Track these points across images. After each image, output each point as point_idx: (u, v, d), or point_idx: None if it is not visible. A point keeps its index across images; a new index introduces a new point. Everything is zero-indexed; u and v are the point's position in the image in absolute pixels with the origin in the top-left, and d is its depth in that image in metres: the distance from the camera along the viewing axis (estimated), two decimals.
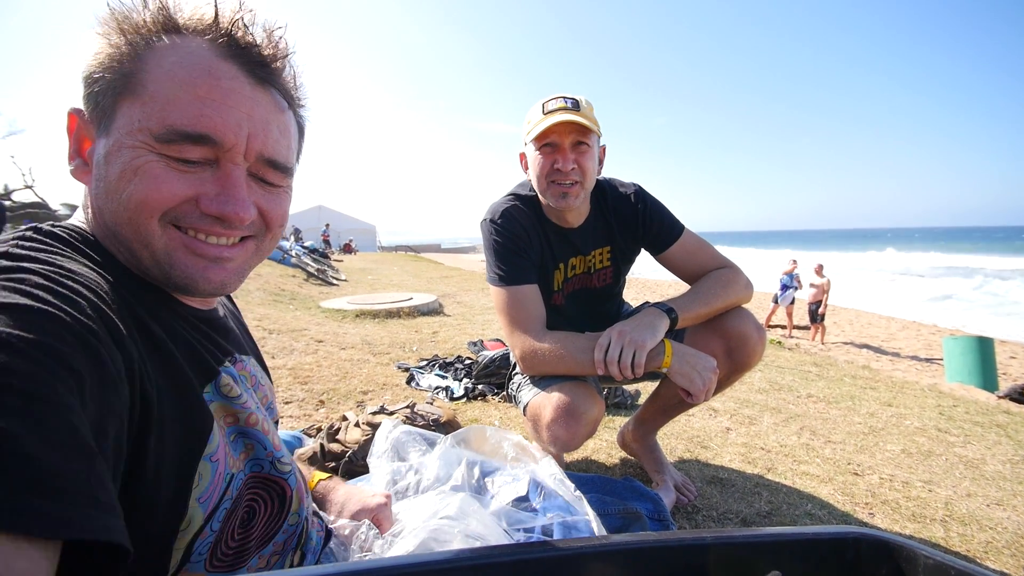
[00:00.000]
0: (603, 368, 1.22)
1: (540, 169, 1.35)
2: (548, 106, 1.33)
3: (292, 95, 0.62)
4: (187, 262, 0.56)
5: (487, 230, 1.43)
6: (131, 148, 0.52)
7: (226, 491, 0.58)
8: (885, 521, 1.56)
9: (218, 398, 0.60)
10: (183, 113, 0.52)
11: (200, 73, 0.53)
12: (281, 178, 0.61)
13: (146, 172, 0.52)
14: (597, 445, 1.95)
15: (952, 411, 3.09)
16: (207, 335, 0.63)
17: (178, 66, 0.53)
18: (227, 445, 0.59)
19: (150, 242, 0.54)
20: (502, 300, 1.39)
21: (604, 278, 1.56)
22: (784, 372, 3.63)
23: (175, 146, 0.52)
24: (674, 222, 1.49)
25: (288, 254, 9.43)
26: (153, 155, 0.52)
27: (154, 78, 0.52)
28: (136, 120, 0.52)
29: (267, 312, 4.78)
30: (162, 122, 0.51)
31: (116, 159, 0.52)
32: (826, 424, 2.52)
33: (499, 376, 2.59)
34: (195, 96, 0.53)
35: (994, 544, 1.49)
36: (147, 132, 0.51)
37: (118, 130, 0.52)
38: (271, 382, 0.80)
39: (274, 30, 0.58)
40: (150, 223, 0.53)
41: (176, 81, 0.52)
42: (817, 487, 1.75)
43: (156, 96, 0.52)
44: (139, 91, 0.52)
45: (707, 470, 1.81)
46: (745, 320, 1.39)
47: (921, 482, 1.90)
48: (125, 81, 0.52)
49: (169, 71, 0.53)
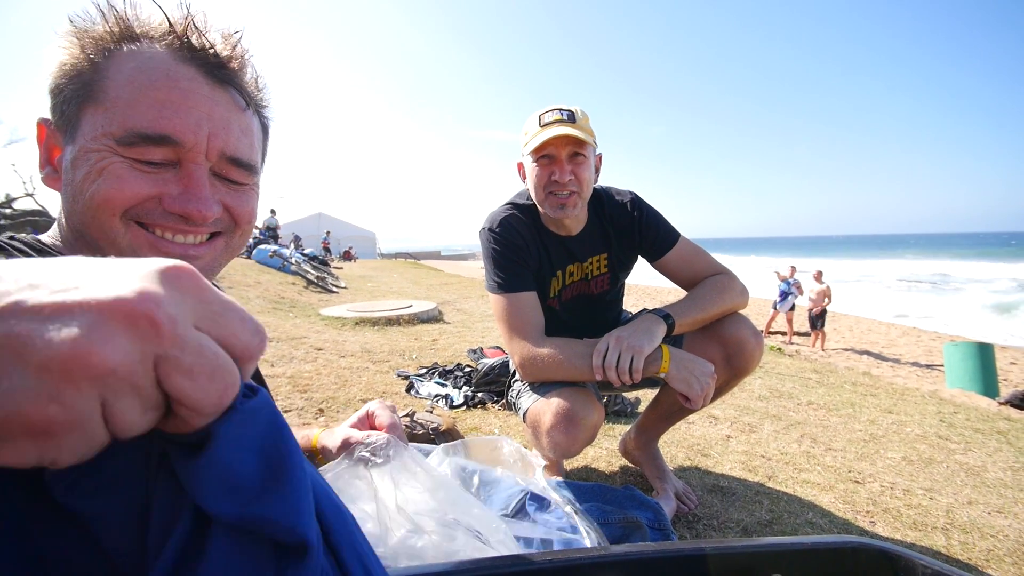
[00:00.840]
0: (601, 374, 1.23)
1: (538, 181, 1.37)
2: (544, 118, 1.35)
3: (253, 95, 0.63)
4: None
5: (486, 239, 1.44)
6: (96, 152, 0.54)
7: None
8: (886, 529, 1.56)
9: None
10: (142, 116, 0.54)
11: (158, 77, 0.55)
12: (246, 176, 0.63)
13: (109, 173, 0.54)
14: (597, 453, 1.95)
15: (953, 418, 3.08)
16: None
17: (137, 72, 0.55)
18: None
19: (115, 240, 0.56)
20: (501, 307, 1.39)
21: (601, 285, 1.57)
22: (784, 379, 3.62)
23: (136, 148, 0.54)
24: (670, 230, 1.51)
25: (288, 261, 9.43)
26: (116, 157, 0.54)
27: (114, 84, 0.54)
28: (99, 126, 0.54)
29: (266, 320, 4.78)
30: (123, 125, 0.53)
31: (82, 163, 0.54)
32: (827, 431, 2.52)
33: (499, 384, 2.59)
34: (154, 99, 0.54)
35: (995, 552, 1.48)
36: (109, 136, 0.54)
37: (83, 136, 0.55)
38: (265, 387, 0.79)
39: (231, 33, 0.60)
40: (112, 221, 0.55)
41: (135, 85, 0.54)
42: (818, 495, 1.75)
43: (117, 101, 0.54)
44: (101, 97, 0.54)
45: (708, 478, 1.80)
46: (742, 326, 1.39)
47: (922, 490, 1.89)
48: (87, 89, 0.55)
49: (128, 76, 0.55)
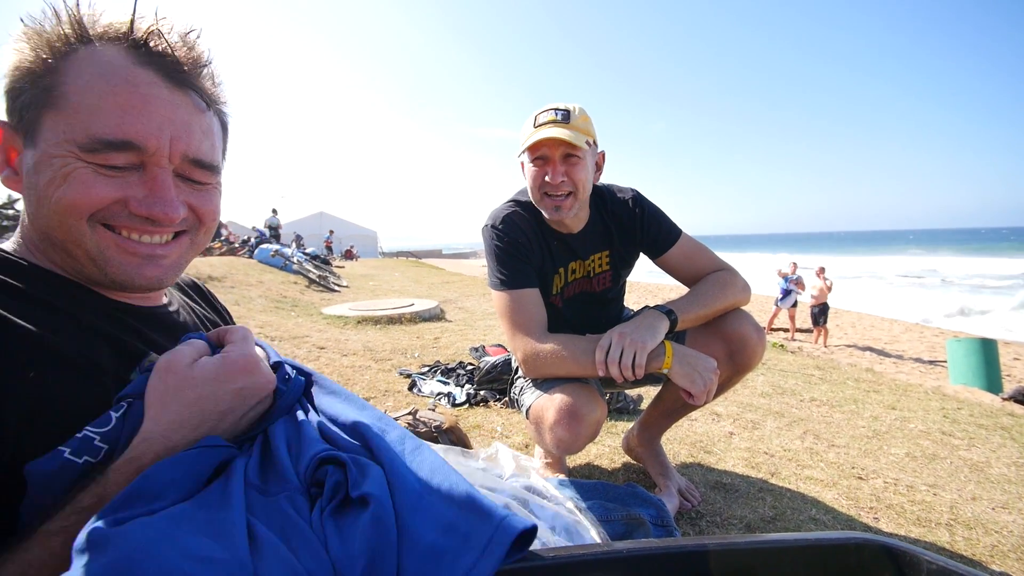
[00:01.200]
0: (604, 369, 1.23)
1: (533, 182, 1.38)
2: (539, 119, 1.35)
3: (212, 95, 0.64)
4: (121, 260, 0.59)
5: (488, 235, 1.44)
6: (59, 157, 0.54)
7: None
8: (890, 525, 1.55)
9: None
10: (105, 123, 0.54)
11: (119, 82, 0.55)
12: (208, 176, 0.64)
13: (74, 178, 0.54)
14: (600, 451, 1.95)
15: (956, 414, 3.07)
16: (139, 332, 0.63)
17: (97, 77, 0.55)
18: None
19: (82, 242, 0.57)
20: (504, 304, 1.40)
21: (603, 282, 1.57)
22: (787, 376, 3.62)
23: (100, 155, 0.54)
24: (672, 226, 1.51)
25: (290, 261, 9.45)
26: (80, 163, 0.54)
27: (75, 90, 0.54)
28: (61, 132, 0.54)
29: (269, 319, 4.79)
30: (86, 132, 0.54)
31: (45, 168, 0.54)
32: (830, 428, 2.51)
33: (501, 382, 2.59)
34: (115, 105, 0.55)
35: (1000, 548, 1.48)
36: (72, 142, 0.54)
37: (45, 141, 0.54)
38: None
39: (189, 33, 0.60)
40: (79, 224, 0.56)
41: (96, 92, 0.54)
42: (821, 492, 1.74)
43: (79, 108, 0.54)
44: (61, 104, 0.54)
45: (711, 475, 1.80)
46: (744, 322, 1.39)
47: (926, 486, 1.89)
48: (46, 95, 0.54)
49: (88, 82, 0.54)
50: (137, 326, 0.63)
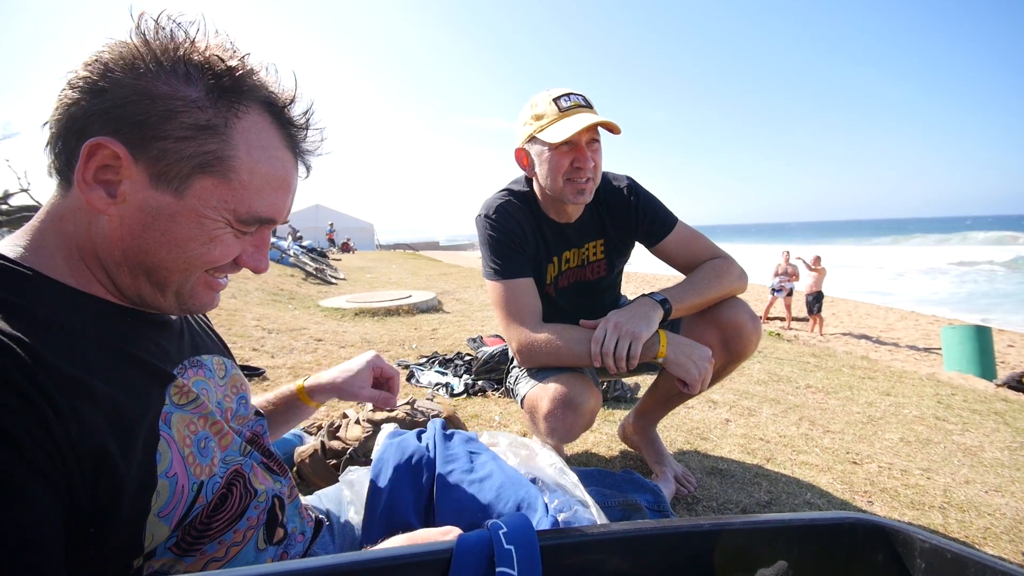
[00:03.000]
0: (599, 361, 1.23)
1: (556, 168, 1.32)
2: (563, 104, 1.29)
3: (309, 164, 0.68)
4: (204, 295, 0.63)
5: (482, 225, 1.43)
6: (212, 220, 0.57)
7: (196, 499, 0.59)
8: (884, 509, 1.57)
9: (175, 409, 0.60)
10: (264, 204, 0.59)
11: (279, 168, 0.60)
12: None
13: (220, 240, 0.59)
14: (597, 438, 1.96)
15: (950, 399, 3.10)
16: (157, 343, 0.63)
17: (265, 160, 0.59)
18: (192, 454, 0.60)
19: (185, 282, 0.60)
20: (498, 294, 1.39)
21: (598, 271, 1.56)
22: (783, 363, 3.63)
23: (251, 226, 0.60)
24: (667, 214, 1.50)
25: (286, 254, 9.41)
26: (230, 229, 0.59)
27: (246, 168, 0.57)
28: (223, 200, 0.57)
29: (266, 312, 4.77)
30: (249, 210, 0.58)
31: (190, 224, 0.56)
32: (825, 414, 2.53)
33: (499, 372, 2.59)
34: (272, 189, 0.60)
35: (992, 530, 1.50)
36: (232, 213, 0.58)
37: (197, 199, 0.56)
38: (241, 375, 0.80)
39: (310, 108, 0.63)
40: (198, 271, 0.60)
41: (262, 175, 0.58)
42: (816, 476, 1.76)
43: (247, 186, 0.57)
44: (230, 176, 0.56)
45: (707, 461, 1.81)
46: (740, 310, 1.39)
47: (919, 470, 1.90)
48: (215, 160, 0.55)
49: (257, 162, 0.58)
50: (153, 336, 0.63)
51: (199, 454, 0.61)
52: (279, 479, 0.75)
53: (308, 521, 0.80)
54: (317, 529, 0.83)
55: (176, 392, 0.61)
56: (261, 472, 0.71)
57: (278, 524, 0.72)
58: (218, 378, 0.72)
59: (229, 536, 0.64)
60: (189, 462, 0.59)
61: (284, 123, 0.61)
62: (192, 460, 0.59)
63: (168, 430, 0.58)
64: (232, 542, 0.64)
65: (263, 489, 0.69)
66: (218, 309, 4.37)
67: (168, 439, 0.57)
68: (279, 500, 0.73)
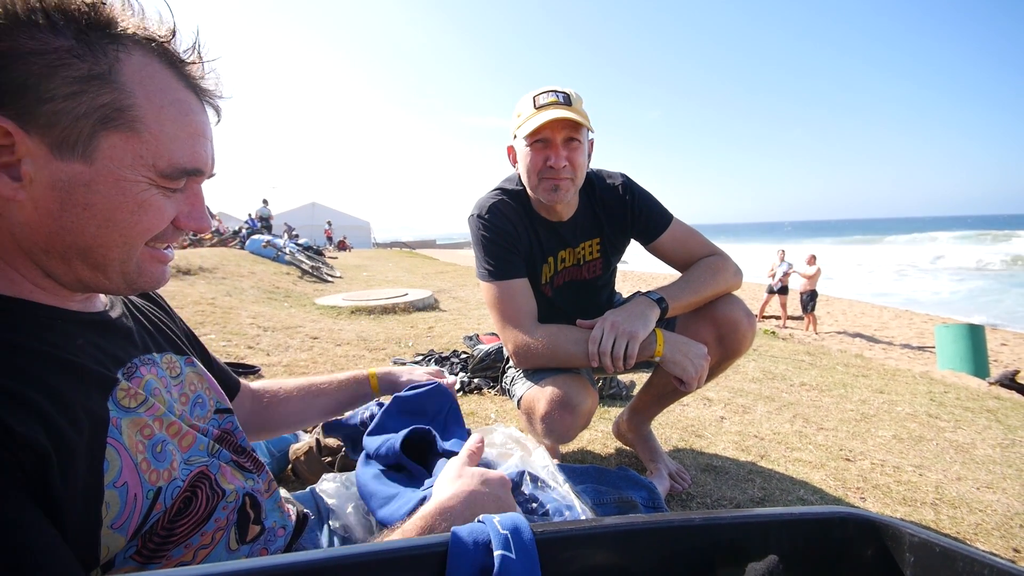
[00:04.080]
0: (597, 361, 1.23)
1: (531, 165, 1.33)
2: (539, 100, 1.30)
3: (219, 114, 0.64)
4: (153, 270, 0.60)
5: (475, 225, 1.42)
6: (133, 182, 0.53)
7: (153, 506, 0.56)
8: (876, 505, 1.58)
9: (124, 413, 0.56)
10: (183, 151, 0.56)
11: (188, 111, 0.56)
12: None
13: (149, 204, 0.55)
14: (592, 436, 1.97)
15: (943, 397, 3.12)
16: (96, 346, 0.59)
17: (168, 104, 0.54)
18: (147, 460, 0.57)
19: (128, 260, 0.57)
20: (492, 295, 1.38)
21: (594, 270, 1.56)
22: (777, 361, 3.65)
23: (176, 180, 0.56)
24: (663, 211, 1.50)
25: (282, 251, 9.37)
26: (156, 188, 0.55)
27: (152, 117, 0.53)
28: (138, 156, 0.53)
29: (261, 310, 4.76)
30: (169, 162, 0.54)
31: (109, 189, 0.52)
32: (819, 412, 2.55)
33: (495, 369, 2.59)
34: (187, 134, 0.56)
35: (983, 526, 1.51)
36: (152, 169, 0.54)
37: (109, 160, 0.51)
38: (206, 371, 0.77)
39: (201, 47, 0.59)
40: (138, 245, 0.56)
41: (172, 120, 0.55)
42: (809, 473, 1.77)
43: (159, 135, 0.53)
44: (136, 127, 0.52)
45: (701, 458, 1.82)
46: (735, 307, 1.40)
47: (912, 466, 1.92)
48: (116, 114, 0.51)
49: (161, 108, 0.54)
50: (91, 339, 0.59)
51: (154, 459, 0.58)
52: (251, 476, 0.72)
53: (289, 515, 0.77)
54: (302, 524, 0.80)
55: (123, 395, 0.57)
56: (230, 471, 0.68)
57: (251, 522, 0.69)
58: (170, 377, 0.68)
59: (196, 539, 0.61)
60: (143, 468, 0.56)
61: (173, 61, 0.55)
62: (146, 466, 0.56)
63: (118, 436, 0.54)
64: (200, 545, 0.61)
65: (232, 488, 0.66)
66: (213, 307, 4.36)
67: (118, 446, 0.54)
68: (251, 498, 0.70)
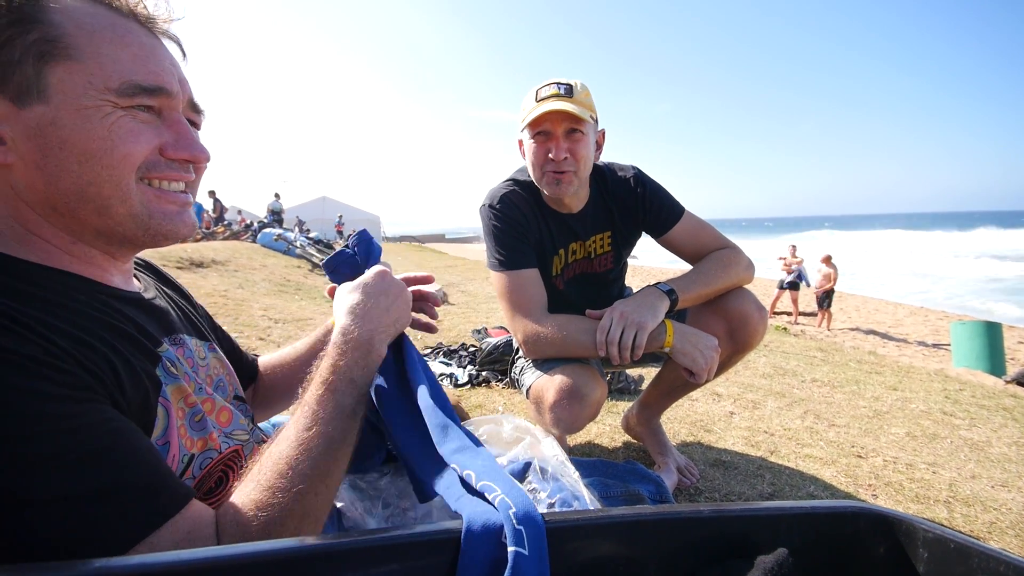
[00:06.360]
0: (605, 350, 1.23)
1: (534, 157, 1.34)
2: (541, 93, 1.31)
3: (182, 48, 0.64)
4: (165, 210, 0.59)
5: (486, 215, 1.42)
6: (95, 108, 0.51)
7: (184, 472, 0.58)
8: (888, 502, 1.57)
9: (169, 379, 0.59)
10: (134, 69, 0.53)
11: (122, 31, 0.54)
12: (201, 118, 0.65)
13: (119, 128, 0.53)
14: (600, 429, 1.96)
15: (958, 395, 3.07)
16: (134, 321, 0.60)
17: (100, 29, 0.53)
18: (184, 427, 0.59)
19: (128, 198, 0.55)
20: (503, 285, 1.39)
21: (605, 263, 1.55)
22: (789, 357, 3.61)
23: (136, 98, 0.54)
24: (674, 204, 1.48)
25: (293, 245, 9.45)
26: (119, 111, 0.53)
27: (85, 41, 0.51)
28: (87, 82, 0.51)
29: (273, 302, 4.80)
30: (121, 79, 0.52)
31: (76, 122, 0.51)
32: (830, 408, 2.52)
33: (503, 363, 2.60)
34: (131, 54, 0.54)
35: (998, 524, 1.49)
36: (107, 90, 0.52)
37: (63, 93, 0.50)
38: (225, 359, 0.79)
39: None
40: (129, 178, 0.55)
41: (108, 41, 0.52)
42: (820, 469, 1.75)
43: (99, 58, 0.52)
44: (75, 55, 0.51)
45: (710, 453, 1.81)
46: (746, 300, 1.38)
47: (925, 464, 1.89)
48: (51, 46, 0.50)
49: (94, 31, 0.52)
50: (129, 313, 0.61)
51: (191, 428, 0.60)
52: None
53: None
54: None
55: (168, 366, 0.60)
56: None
57: None
58: (198, 359, 0.70)
59: None
60: (181, 433, 0.58)
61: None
62: (184, 432, 0.59)
63: (167, 397, 0.57)
64: None
65: None
66: (226, 299, 4.40)
67: (168, 406, 0.57)
68: None
